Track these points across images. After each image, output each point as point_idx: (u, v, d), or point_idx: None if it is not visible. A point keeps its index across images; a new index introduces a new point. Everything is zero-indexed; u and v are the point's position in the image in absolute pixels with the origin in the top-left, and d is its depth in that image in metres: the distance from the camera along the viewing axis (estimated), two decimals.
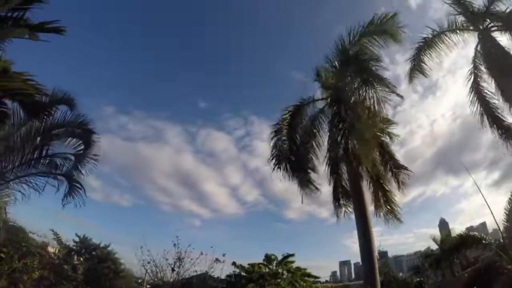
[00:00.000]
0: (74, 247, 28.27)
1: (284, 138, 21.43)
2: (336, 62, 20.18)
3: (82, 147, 15.01)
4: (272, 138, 21.72)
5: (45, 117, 12.53)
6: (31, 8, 7.55)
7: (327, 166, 20.85)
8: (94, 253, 28.45)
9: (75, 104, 14.33)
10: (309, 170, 21.32)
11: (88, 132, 14.74)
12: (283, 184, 21.78)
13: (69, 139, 14.83)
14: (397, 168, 20.42)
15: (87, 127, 14.69)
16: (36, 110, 10.78)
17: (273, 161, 21.30)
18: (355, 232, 18.82)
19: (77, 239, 29.11)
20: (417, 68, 20.35)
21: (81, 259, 27.70)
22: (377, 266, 18.04)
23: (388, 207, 19.86)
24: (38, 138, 14.19)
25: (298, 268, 24.64)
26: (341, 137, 18.67)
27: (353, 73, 18.77)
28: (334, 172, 20.83)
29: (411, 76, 20.67)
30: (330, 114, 20.90)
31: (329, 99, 20.90)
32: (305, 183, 21.22)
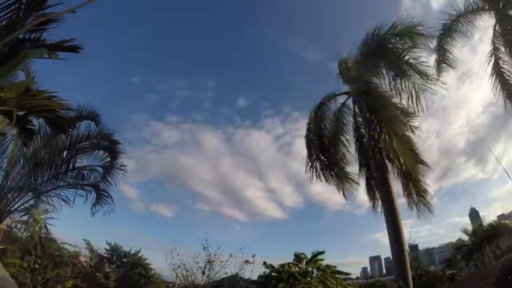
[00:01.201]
0: (106, 255, 28.67)
1: (314, 137, 21.43)
2: (363, 55, 19.96)
3: (109, 158, 15.17)
4: (305, 138, 21.79)
5: (71, 131, 12.74)
6: (47, 28, 7.68)
7: (357, 159, 20.77)
8: (125, 260, 28.81)
9: (99, 118, 14.67)
10: (343, 165, 21.22)
11: (113, 143, 14.97)
12: (320, 184, 21.76)
13: (96, 151, 15.04)
14: (417, 162, 19.97)
15: (112, 139, 14.91)
16: (62, 125, 10.89)
17: (307, 159, 21.37)
18: (385, 226, 18.67)
19: (108, 247, 29.54)
20: (443, 58, 19.72)
21: (113, 266, 28.09)
22: (408, 260, 17.82)
23: (421, 198, 19.47)
24: (65, 152, 14.52)
25: (328, 266, 24.37)
26: (372, 131, 18.57)
27: (385, 65, 18.57)
28: (365, 165, 20.68)
29: (438, 68, 19.96)
30: (356, 107, 20.82)
31: (353, 92, 20.80)
32: (342, 177, 21.16)
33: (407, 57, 17.85)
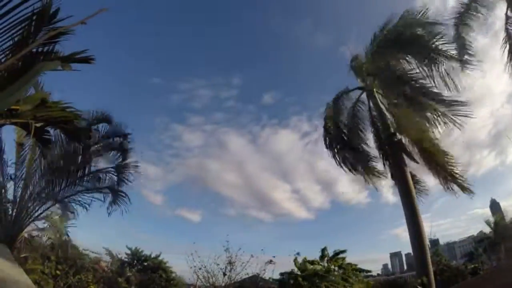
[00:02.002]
0: (127, 259, 28.88)
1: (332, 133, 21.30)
2: (380, 46, 19.64)
3: (121, 158, 15.25)
4: (323, 135, 21.65)
5: (87, 139, 12.85)
6: (59, 41, 7.67)
7: (379, 154, 20.55)
8: (146, 263, 28.99)
9: (112, 120, 14.96)
10: (365, 160, 21.01)
11: (124, 141, 15.03)
12: (345, 182, 21.82)
13: (109, 152, 15.18)
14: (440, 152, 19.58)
15: (124, 132, 15.02)
16: (77, 134, 11.03)
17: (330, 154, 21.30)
18: (405, 221, 18.38)
19: (128, 252, 29.75)
20: (462, 47, 19.17)
21: (134, 270, 28.26)
22: (429, 255, 17.55)
23: (454, 179, 19.16)
24: (80, 158, 14.60)
25: (349, 264, 24.22)
26: (385, 125, 18.36)
27: (410, 53, 18.25)
28: (386, 159, 20.43)
29: (461, 58, 19.37)
30: (371, 102, 20.58)
31: (367, 87, 20.58)
32: (366, 173, 20.96)
33: (435, 44, 17.44)
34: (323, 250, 24.38)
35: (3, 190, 14.23)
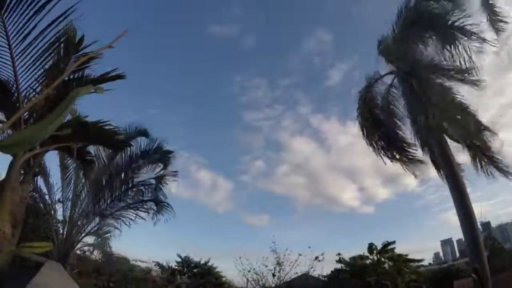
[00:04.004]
0: (177, 267, 29.34)
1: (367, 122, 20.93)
2: (402, 29, 19.18)
3: (161, 167, 15.54)
4: (360, 120, 21.29)
5: (127, 150, 13.18)
6: (89, 66, 7.91)
7: (417, 139, 20.03)
8: (195, 270, 29.35)
9: (149, 133, 15.14)
10: (404, 147, 20.55)
11: (167, 153, 15.25)
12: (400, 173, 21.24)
13: (150, 165, 15.48)
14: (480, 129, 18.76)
15: (164, 149, 15.21)
16: (117, 147, 11.34)
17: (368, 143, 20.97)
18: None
19: (179, 260, 30.23)
20: (492, 15, 18.38)
21: (184, 277, 28.68)
22: (481, 240, 16.89)
23: (492, 164, 18.46)
24: (122, 174, 14.99)
25: (399, 255, 23.75)
26: (420, 108, 17.86)
27: (431, 34, 17.79)
28: (426, 144, 19.90)
29: (493, 26, 18.60)
30: (402, 86, 20.07)
31: (398, 72, 20.07)
32: (406, 159, 20.52)
33: (456, 21, 16.92)
34: (371, 244, 24.03)
35: (52, 212, 14.86)
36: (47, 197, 14.91)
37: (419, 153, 20.59)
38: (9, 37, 6.60)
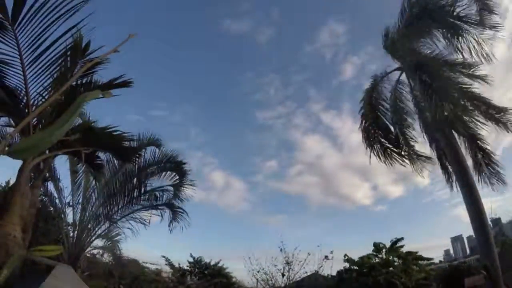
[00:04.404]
0: (188, 268, 29.43)
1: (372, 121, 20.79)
2: (407, 23, 19.06)
3: (177, 177, 15.56)
4: (361, 124, 21.17)
5: (137, 159, 13.23)
6: (96, 71, 8.05)
7: (425, 136, 19.91)
8: (206, 271, 29.43)
9: (161, 143, 15.18)
10: (411, 143, 20.41)
11: (179, 163, 15.32)
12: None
13: (163, 173, 15.50)
14: (498, 112, 18.56)
15: (177, 160, 15.26)
16: (127, 155, 11.41)
17: (365, 145, 20.85)
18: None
19: (191, 260, 30.36)
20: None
21: (195, 278, 28.77)
22: (491, 236, 16.76)
23: (491, 168, 18.34)
24: (135, 179, 15.12)
25: (408, 253, 23.59)
26: (431, 105, 17.73)
27: (436, 26, 17.69)
28: (434, 140, 19.78)
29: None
30: (412, 82, 19.94)
31: (405, 68, 19.95)
32: (412, 157, 20.38)
33: (457, 12, 16.84)
34: (377, 244, 23.92)
35: (63, 215, 15.04)
36: (57, 201, 15.18)
37: (427, 150, 20.49)
38: (20, 48, 6.81)
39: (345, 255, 24.22)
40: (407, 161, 20.57)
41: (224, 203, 77.09)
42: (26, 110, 7.63)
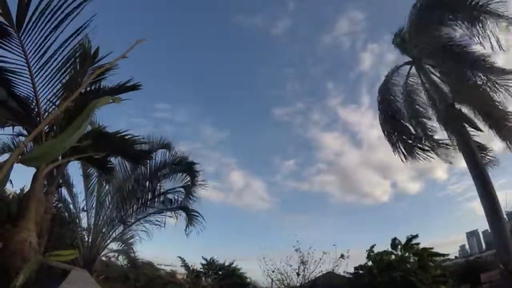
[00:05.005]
0: (202, 270, 29.57)
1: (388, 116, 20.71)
2: (420, 14, 18.83)
3: (189, 178, 15.64)
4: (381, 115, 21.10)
5: (148, 162, 13.33)
6: (105, 77, 8.14)
7: (441, 128, 19.74)
8: (220, 272, 29.55)
9: (171, 146, 15.30)
10: (430, 135, 20.23)
11: (190, 164, 15.39)
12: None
13: (175, 174, 15.60)
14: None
15: (188, 161, 15.34)
16: (139, 159, 11.51)
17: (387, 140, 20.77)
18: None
19: (204, 262, 30.49)
20: None
21: (209, 280, 28.91)
22: (507, 229, 16.53)
23: None
24: (147, 182, 15.24)
25: (424, 249, 23.38)
26: (442, 96, 17.61)
27: (450, 16, 17.44)
28: (450, 131, 19.61)
29: None
30: (422, 75, 19.79)
31: (415, 61, 19.82)
32: (435, 148, 20.22)
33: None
34: (394, 240, 23.73)
35: (77, 220, 15.22)
36: (71, 206, 15.35)
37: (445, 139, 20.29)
38: (27, 56, 6.86)
39: (370, 248, 24.09)
40: (430, 153, 20.41)
41: (241, 203, 76.66)
42: (38, 118, 7.74)
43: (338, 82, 78.10)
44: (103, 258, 18.34)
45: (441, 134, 20.14)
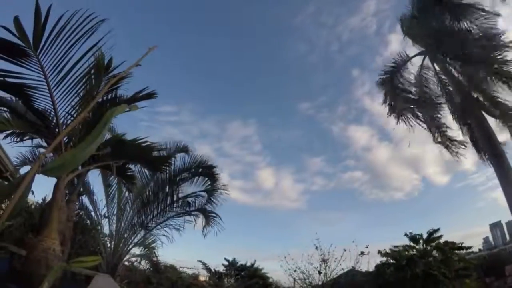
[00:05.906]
0: (224, 271, 29.71)
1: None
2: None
3: (209, 182, 15.76)
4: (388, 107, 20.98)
5: (167, 168, 13.47)
6: (120, 86, 8.32)
7: (456, 120, 19.53)
8: (242, 273, 29.63)
9: (189, 150, 15.57)
10: (443, 129, 20.04)
11: (210, 168, 15.51)
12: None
13: (195, 178, 15.72)
14: None
15: (208, 164, 15.50)
16: (157, 165, 11.67)
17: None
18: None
19: (226, 263, 30.64)
20: None
21: (232, 281, 29.02)
22: None
23: None
24: (167, 187, 15.48)
25: (446, 243, 23.04)
26: (458, 87, 17.42)
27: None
28: (465, 123, 19.37)
29: None
30: (436, 65, 19.53)
31: (427, 52, 19.57)
32: (446, 142, 20.07)
33: None
34: (414, 235, 23.46)
35: (99, 227, 15.50)
36: (93, 213, 15.70)
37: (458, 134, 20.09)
38: (45, 73, 7.12)
39: (379, 251, 23.90)
40: (442, 146, 20.26)
41: (268, 203, 75.92)
42: (57, 130, 7.96)
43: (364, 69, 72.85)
44: (126, 263, 18.53)
45: (450, 132, 20.09)
